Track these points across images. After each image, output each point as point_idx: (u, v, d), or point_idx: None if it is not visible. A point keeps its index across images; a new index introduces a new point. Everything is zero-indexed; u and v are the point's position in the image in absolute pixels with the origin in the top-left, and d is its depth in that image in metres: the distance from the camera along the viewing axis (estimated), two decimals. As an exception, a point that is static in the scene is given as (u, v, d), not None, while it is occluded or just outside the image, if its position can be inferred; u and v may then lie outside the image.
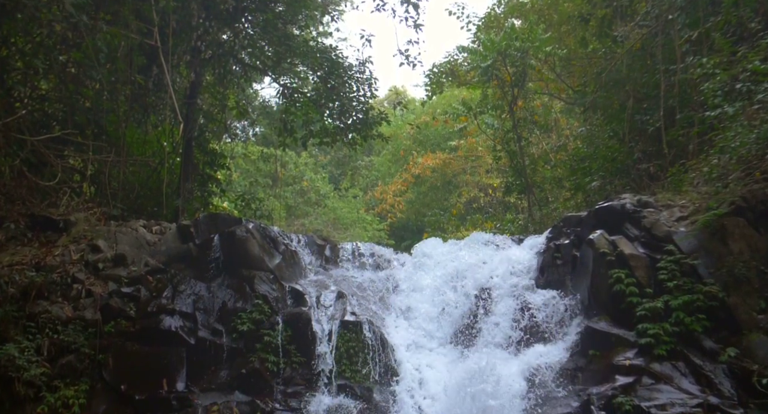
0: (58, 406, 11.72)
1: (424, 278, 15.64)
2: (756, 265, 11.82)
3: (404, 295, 15.42)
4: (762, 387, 10.68)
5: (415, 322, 14.69)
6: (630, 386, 11.42)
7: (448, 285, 15.33)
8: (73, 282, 13.33)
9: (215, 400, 12.39)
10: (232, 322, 13.32)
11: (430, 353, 14.01)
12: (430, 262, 16.15)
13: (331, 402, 12.47)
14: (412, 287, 15.48)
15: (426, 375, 13.37)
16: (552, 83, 25.37)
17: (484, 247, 16.41)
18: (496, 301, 14.58)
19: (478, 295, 14.84)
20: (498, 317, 14.20)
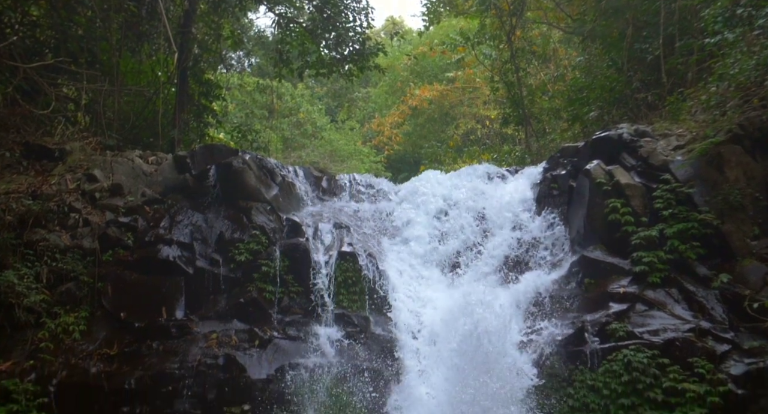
0: (58, 332, 11.91)
1: (420, 209, 15.69)
2: (751, 193, 11.92)
3: (401, 225, 15.50)
4: (753, 311, 10.88)
5: (411, 252, 14.78)
6: (624, 313, 11.62)
7: (444, 216, 15.40)
8: (70, 211, 13.37)
9: (214, 328, 12.56)
10: (229, 253, 13.40)
11: (426, 282, 14.16)
12: (427, 194, 16.17)
13: (328, 331, 12.66)
14: (408, 218, 15.54)
15: (420, 303, 13.56)
16: (551, 12, 25.02)
17: (481, 179, 16.43)
18: (492, 231, 14.68)
19: (475, 226, 14.92)
20: (493, 247, 14.33)
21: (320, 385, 11.82)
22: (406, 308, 13.43)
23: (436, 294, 13.77)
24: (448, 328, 12.48)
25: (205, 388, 11.67)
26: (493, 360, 11.55)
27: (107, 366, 11.65)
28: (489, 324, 11.79)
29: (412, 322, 13.24)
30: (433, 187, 16.32)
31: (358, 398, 11.89)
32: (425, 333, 12.97)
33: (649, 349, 11.01)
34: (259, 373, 11.89)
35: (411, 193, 16.40)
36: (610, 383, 11.05)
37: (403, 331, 13.03)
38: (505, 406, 11.20)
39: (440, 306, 13.26)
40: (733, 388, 10.29)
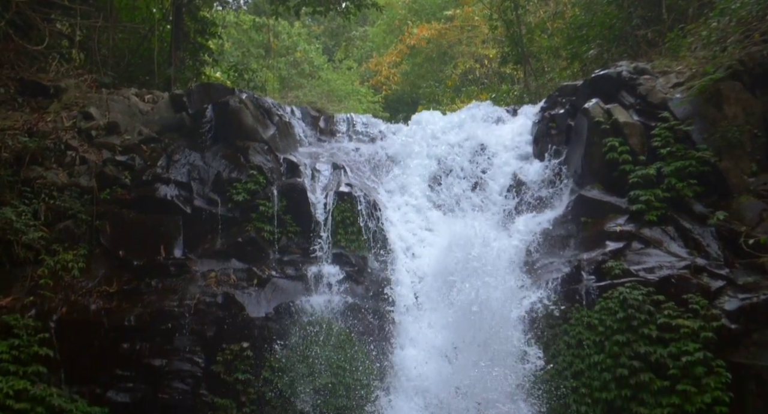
0: (58, 269, 11.99)
1: (418, 149, 15.63)
2: (750, 129, 11.92)
3: (398, 165, 15.46)
4: (749, 247, 10.98)
5: (408, 191, 14.79)
6: (620, 251, 11.70)
7: (441, 155, 15.35)
8: (67, 149, 13.34)
9: (213, 267, 12.64)
10: (227, 192, 13.40)
11: (423, 221, 14.20)
12: (425, 134, 16.10)
13: (326, 270, 12.73)
14: (406, 158, 15.49)
15: (418, 240, 13.66)
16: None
17: (479, 118, 16.34)
18: (489, 170, 14.66)
19: (473, 166, 14.90)
20: (491, 186, 14.34)
21: (319, 324, 11.92)
22: (404, 247, 13.53)
23: (433, 232, 13.83)
24: (446, 264, 12.56)
25: (205, 325, 11.80)
26: (492, 296, 11.66)
27: (107, 303, 11.77)
28: (484, 262, 11.87)
29: (409, 260, 13.34)
30: (431, 127, 16.21)
31: (356, 337, 12.02)
32: (423, 271, 13.07)
33: (645, 286, 11.10)
34: (257, 312, 12.02)
35: (409, 134, 16.33)
36: (606, 320, 11.18)
37: (401, 269, 13.13)
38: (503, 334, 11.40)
39: (438, 244, 13.32)
40: (726, 323, 10.43)
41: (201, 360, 11.70)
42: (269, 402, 11.42)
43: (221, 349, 11.67)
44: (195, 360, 11.69)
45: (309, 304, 12.15)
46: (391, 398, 11.61)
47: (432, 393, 11.62)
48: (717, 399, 10.08)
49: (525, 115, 15.88)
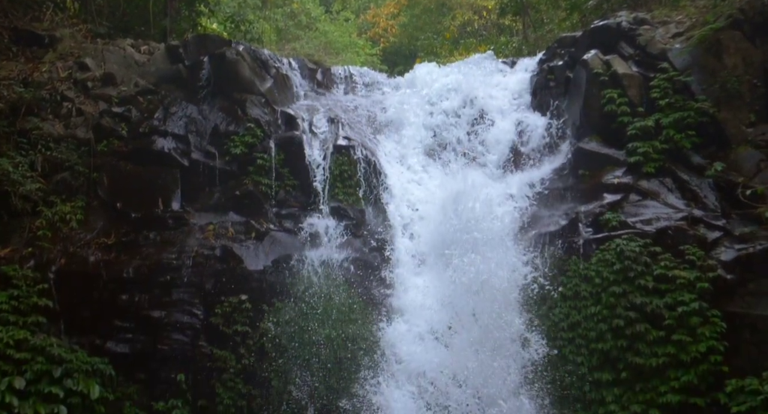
0: (56, 221, 12.02)
1: (416, 102, 15.51)
2: (749, 79, 11.86)
3: (395, 118, 15.33)
4: (746, 198, 10.99)
5: (406, 144, 14.71)
6: (617, 203, 11.72)
7: (438, 108, 15.24)
8: (63, 100, 13.26)
9: (210, 220, 12.67)
10: (224, 145, 13.36)
11: (421, 174, 14.17)
12: (423, 86, 15.97)
13: (324, 223, 12.74)
14: (404, 111, 15.37)
15: (416, 194, 13.61)
16: None
17: (477, 71, 16.21)
18: (486, 122, 14.59)
19: (471, 119, 14.82)
20: (488, 139, 14.28)
21: (316, 277, 11.98)
22: (402, 200, 13.49)
23: (430, 185, 13.82)
24: (441, 217, 12.58)
25: (203, 278, 11.87)
26: (486, 248, 11.69)
27: (105, 255, 11.81)
28: (481, 214, 11.87)
29: (408, 213, 13.33)
30: (429, 80, 16.08)
31: (354, 290, 12.09)
32: (418, 222, 13.10)
33: (642, 238, 11.14)
34: (256, 265, 12.07)
35: (407, 86, 16.21)
36: (602, 272, 11.24)
37: (399, 222, 13.14)
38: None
39: (436, 196, 13.32)
40: (722, 273, 10.48)
41: (200, 312, 11.81)
42: (268, 353, 11.52)
43: (220, 302, 11.75)
44: (194, 312, 11.80)
45: (307, 257, 12.17)
46: (391, 350, 11.69)
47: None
48: (712, 348, 10.18)
49: (524, 67, 15.81)
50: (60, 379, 10.53)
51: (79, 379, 10.69)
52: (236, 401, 11.36)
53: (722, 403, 9.98)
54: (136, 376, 11.55)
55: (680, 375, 10.35)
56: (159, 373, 11.60)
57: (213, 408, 11.40)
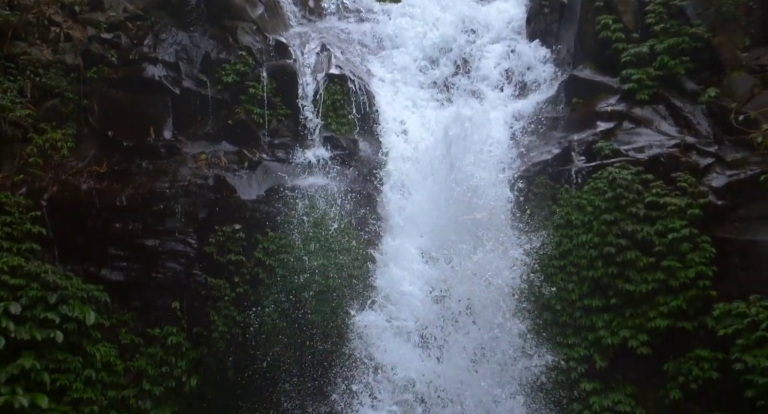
0: (46, 148, 11.95)
1: (408, 28, 15.32)
2: (745, 2, 11.78)
3: (389, 47, 15.20)
4: (738, 124, 11.00)
5: (399, 72, 14.60)
6: (610, 131, 11.73)
7: (433, 37, 15.07)
8: (50, 24, 13.06)
9: (203, 149, 12.61)
10: (215, 74, 13.24)
11: (414, 103, 14.10)
12: (416, 14, 15.77)
13: (317, 153, 12.71)
14: (396, 37, 15.22)
15: (410, 123, 13.57)
16: None
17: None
18: (481, 50, 14.45)
19: (465, 46, 14.68)
20: (482, 67, 14.15)
21: (309, 206, 11.98)
22: (394, 130, 13.45)
23: (424, 113, 13.76)
24: (436, 144, 12.55)
25: (196, 207, 11.87)
26: (478, 175, 11.70)
27: (97, 183, 11.78)
28: (475, 141, 11.85)
29: (400, 142, 13.29)
30: (422, 6, 15.86)
31: (346, 219, 12.10)
32: (414, 150, 13.05)
33: (634, 165, 11.18)
34: (249, 194, 12.06)
35: (399, 14, 15.98)
36: (594, 200, 11.30)
37: (392, 152, 13.11)
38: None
39: (429, 125, 13.27)
40: (713, 199, 10.56)
41: (193, 241, 11.84)
42: (262, 282, 11.60)
43: (213, 231, 11.76)
44: (187, 241, 11.83)
45: (300, 187, 12.17)
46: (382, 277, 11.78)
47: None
48: (701, 273, 10.30)
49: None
50: (55, 305, 10.58)
51: (75, 305, 10.75)
52: (231, 328, 11.45)
53: (709, 327, 10.16)
54: (131, 304, 11.64)
55: (669, 300, 10.49)
56: (154, 301, 11.70)
57: (208, 335, 11.50)
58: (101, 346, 11.09)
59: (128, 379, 11.30)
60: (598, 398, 10.82)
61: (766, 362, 9.38)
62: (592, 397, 10.86)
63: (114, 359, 11.16)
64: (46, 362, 10.38)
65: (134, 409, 11.16)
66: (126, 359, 11.34)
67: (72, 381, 10.59)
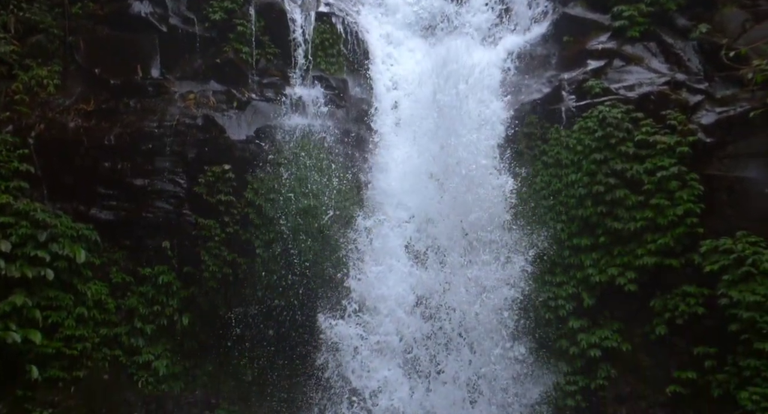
0: (32, 85, 11.82)
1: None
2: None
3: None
4: (729, 60, 10.93)
5: (390, 13, 14.39)
6: (601, 70, 11.68)
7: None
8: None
9: (191, 88, 12.48)
10: (203, 11, 13.01)
11: (405, 43, 13.94)
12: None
13: (306, 93, 12.60)
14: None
15: (401, 62, 13.48)
16: None
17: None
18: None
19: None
20: (472, 9, 13.96)
21: (299, 147, 11.94)
22: (384, 69, 13.33)
23: (415, 53, 13.63)
24: (427, 84, 12.45)
25: (185, 147, 11.81)
26: (466, 117, 11.65)
27: (85, 121, 11.67)
28: (467, 79, 11.77)
29: (390, 82, 13.20)
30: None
31: (336, 159, 12.09)
32: (405, 90, 12.97)
33: (624, 104, 11.16)
34: (238, 134, 11.99)
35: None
36: (584, 139, 11.30)
37: (382, 92, 13.03)
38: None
39: (418, 66, 13.15)
40: (702, 137, 10.57)
41: (183, 181, 11.81)
42: (252, 222, 11.60)
43: (203, 171, 11.73)
44: (177, 181, 11.81)
45: (289, 127, 12.10)
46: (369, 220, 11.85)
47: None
48: (688, 211, 10.36)
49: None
50: (45, 244, 10.61)
51: (65, 243, 10.78)
52: (221, 268, 11.50)
53: (696, 264, 10.28)
54: (122, 243, 11.67)
55: (657, 238, 10.58)
56: (144, 240, 11.74)
57: (199, 275, 11.56)
58: (92, 284, 11.16)
59: (120, 318, 11.40)
60: (585, 335, 10.99)
61: (750, 297, 9.51)
62: (579, 335, 11.03)
63: (105, 297, 11.24)
64: (37, 299, 10.47)
65: (126, 346, 11.28)
66: (117, 298, 11.42)
67: (64, 318, 10.69)
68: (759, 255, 9.65)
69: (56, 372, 10.51)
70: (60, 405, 10.51)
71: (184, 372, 11.61)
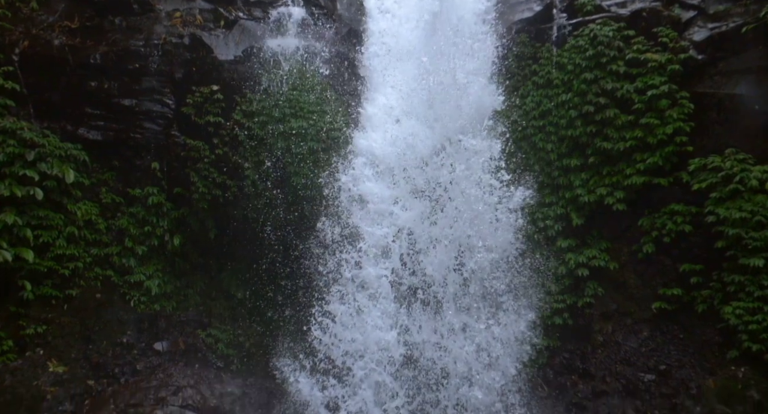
0: (14, 1, 11.46)
1: None
2: None
3: None
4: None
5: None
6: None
7: None
8: None
9: (177, 6, 12.23)
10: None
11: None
12: None
13: (294, 12, 12.32)
14: None
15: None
16: None
17: None
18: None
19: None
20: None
21: (288, 67, 11.79)
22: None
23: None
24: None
25: (173, 67, 11.67)
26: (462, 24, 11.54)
27: (70, 39, 11.45)
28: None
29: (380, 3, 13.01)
30: None
31: (326, 80, 11.97)
32: (397, 10, 12.80)
33: (616, 21, 11.09)
34: (226, 54, 11.83)
35: None
36: (575, 58, 11.24)
37: (374, 9, 12.84)
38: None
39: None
40: (693, 54, 10.53)
41: (171, 101, 11.73)
42: (242, 144, 11.55)
43: (191, 92, 11.63)
44: (165, 101, 11.72)
45: (278, 47, 11.91)
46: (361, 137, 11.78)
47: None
48: (678, 129, 10.39)
49: None
50: (33, 163, 10.57)
51: (53, 163, 10.73)
52: (211, 190, 11.51)
53: (684, 182, 10.36)
54: (111, 163, 11.66)
55: (646, 157, 10.63)
56: (133, 161, 11.71)
57: (189, 196, 11.59)
58: (82, 204, 11.16)
59: (111, 238, 11.44)
60: (573, 255, 11.15)
61: (737, 213, 9.62)
62: (567, 254, 11.19)
63: (95, 218, 11.26)
64: (27, 218, 10.47)
65: (118, 266, 11.35)
66: (108, 218, 11.45)
67: (55, 238, 10.72)
68: (747, 172, 9.72)
69: (49, 290, 10.59)
70: (53, 322, 10.62)
71: (176, 292, 11.73)
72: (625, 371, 10.51)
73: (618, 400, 10.42)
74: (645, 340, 10.59)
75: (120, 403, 10.37)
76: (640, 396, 10.21)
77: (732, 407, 9.27)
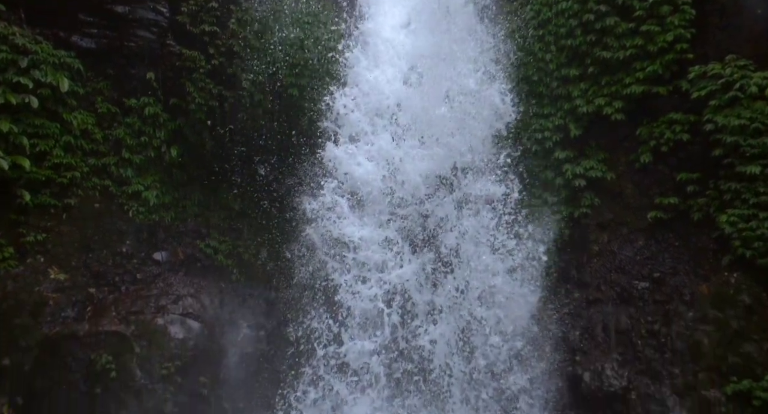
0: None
1: None
2: None
3: None
4: None
5: None
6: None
7: None
8: None
9: None
10: None
11: None
12: None
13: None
14: None
15: None
16: None
17: None
18: None
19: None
20: None
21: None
22: None
23: None
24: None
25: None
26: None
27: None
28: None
29: None
30: None
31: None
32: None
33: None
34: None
35: None
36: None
37: None
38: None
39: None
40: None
41: (165, 10, 11.57)
42: (237, 54, 11.44)
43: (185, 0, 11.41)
44: (159, 9, 11.56)
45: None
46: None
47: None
48: (679, 36, 10.27)
49: None
50: (27, 70, 10.42)
51: (47, 71, 10.59)
52: (207, 101, 11.42)
53: (684, 90, 10.29)
54: (106, 72, 11.49)
55: (646, 65, 10.54)
56: (128, 70, 11.57)
57: (185, 107, 11.49)
58: (78, 113, 11.05)
59: (108, 148, 11.37)
60: (570, 166, 11.15)
61: (735, 121, 9.59)
62: (565, 165, 11.19)
63: (92, 127, 11.17)
64: (23, 127, 10.37)
65: (116, 176, 11.33)
66: (104, 128, 11.36)
67: (51, 147, 10.65)
68: (747, 78, 9.65)
69: (47, 198, 10.57)
70: (52, 230, 10.65)
71: (174, 202, 11.74)
72: (620, 279, 10.63)
73: (612, 307, 10.57)
74: (640, 249, 10.69)
75: (122, 310, 10.50)
76: (634, 303, 10.35)
77: (724, 312, 9.42)
